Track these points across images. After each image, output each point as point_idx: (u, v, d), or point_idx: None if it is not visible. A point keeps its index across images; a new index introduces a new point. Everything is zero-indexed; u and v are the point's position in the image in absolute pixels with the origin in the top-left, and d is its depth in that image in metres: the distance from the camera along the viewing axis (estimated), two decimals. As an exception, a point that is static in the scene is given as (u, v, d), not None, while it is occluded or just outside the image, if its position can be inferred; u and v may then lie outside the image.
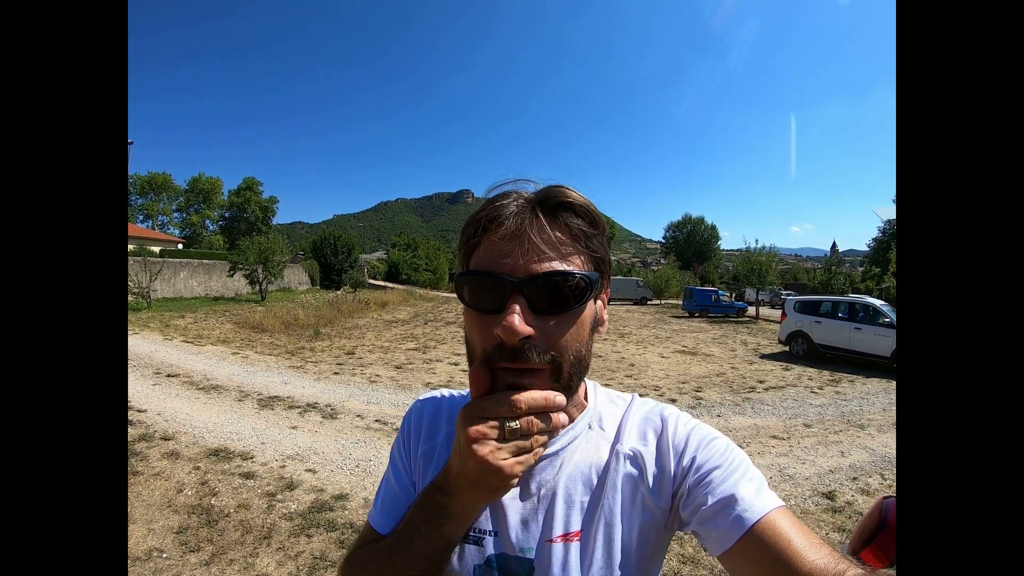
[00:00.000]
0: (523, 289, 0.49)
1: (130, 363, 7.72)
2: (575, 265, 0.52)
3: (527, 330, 0.48)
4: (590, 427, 0.63)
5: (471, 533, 0.60)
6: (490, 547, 0.59)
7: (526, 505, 0.59)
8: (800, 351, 11.16)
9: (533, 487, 0.60)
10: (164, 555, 2.84)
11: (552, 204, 0.53)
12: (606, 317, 0.60)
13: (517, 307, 0.48)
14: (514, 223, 0.51)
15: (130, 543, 2.93)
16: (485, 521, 0.60)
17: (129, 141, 31.54)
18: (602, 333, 0.60)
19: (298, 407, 5.96)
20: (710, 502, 0.53)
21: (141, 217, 51.00)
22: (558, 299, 0.51)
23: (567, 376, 0.52)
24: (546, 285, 0.50)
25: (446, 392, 0.74)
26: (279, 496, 3.63)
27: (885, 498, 0.84)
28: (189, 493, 3.61)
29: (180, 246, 38.20)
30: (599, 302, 0.59)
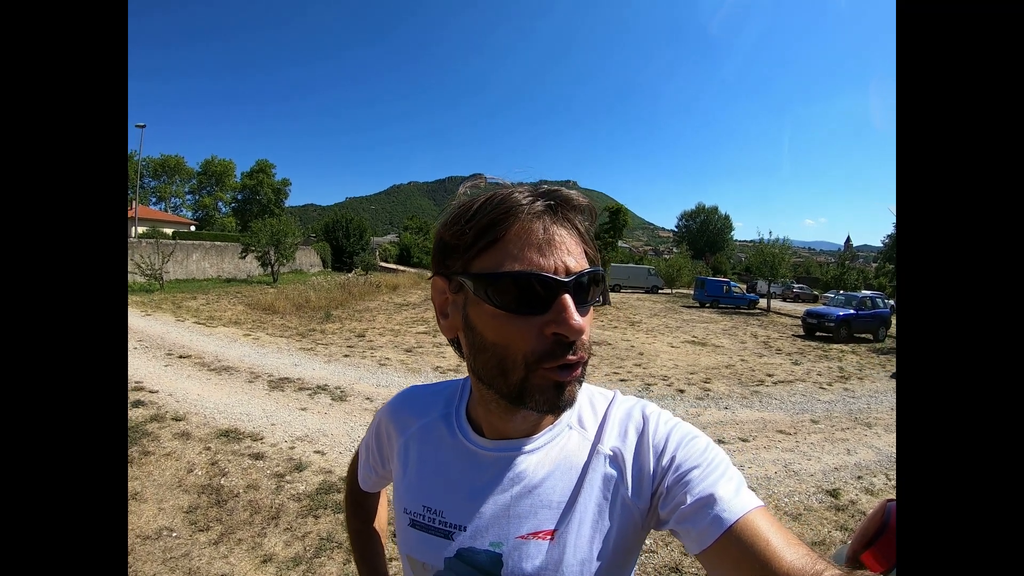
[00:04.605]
0: (569, 288, 0.52)
1: (142, 344, 7.86)
2: (592, 263, 0.56)
3: (585, 325, 0.52)
4: (570, 427, 0.63)
5: (440, 526, 0.61)
6: (460, 540, 0.60)
7: (500, 500, 0.60)
8: None
9: (510, 483, 0.60)
10: (174, 534, 2.91)
11: (568, 206, 0.55)
12: None
13: (571, 304, 0.51)
14: (538, 224, 0.53)
15: (140, 522, 3.01)
16: (457, 515, 0.61)
17: (141, 124, 31.75)
18: None
19: (308, 389, 6.03)
20: (689, 501, 0.53)
21: (154, 199, 51.59)
22: (589, 295, 0.54)
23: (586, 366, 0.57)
24: (581, 283, 0.53)
25: (418, 386, 0.77)
26: (288, 477, 3.69)
27: (888, 500, 0.82)
28: (199, 473, 3.69)
29: (193, 228, 38.65)
30: None
